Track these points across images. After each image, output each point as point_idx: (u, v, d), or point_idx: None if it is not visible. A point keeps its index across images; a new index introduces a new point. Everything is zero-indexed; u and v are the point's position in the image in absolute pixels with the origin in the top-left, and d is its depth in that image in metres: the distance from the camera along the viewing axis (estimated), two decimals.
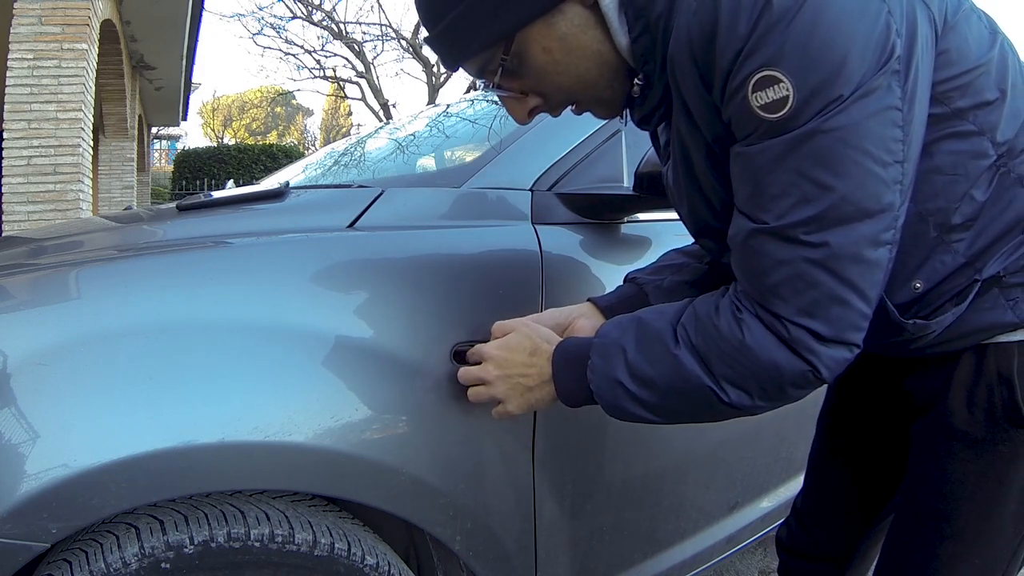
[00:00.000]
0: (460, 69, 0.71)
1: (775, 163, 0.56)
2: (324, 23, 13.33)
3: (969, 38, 0.62)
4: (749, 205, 0.59)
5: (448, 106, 1.70)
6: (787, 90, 0.53)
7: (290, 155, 12.84)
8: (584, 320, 0.83)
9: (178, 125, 13.27)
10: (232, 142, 22.98)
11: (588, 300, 0.87)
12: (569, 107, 0.73)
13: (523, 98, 0.70)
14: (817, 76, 0.52)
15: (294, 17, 13.15)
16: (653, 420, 0.69)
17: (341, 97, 17.45)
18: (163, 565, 0.68)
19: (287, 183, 1.27)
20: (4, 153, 4.26)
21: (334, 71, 15.09)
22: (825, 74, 0.52)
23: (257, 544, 0.72)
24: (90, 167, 4.68)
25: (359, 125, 27.15)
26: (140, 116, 9.35)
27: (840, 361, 0.60)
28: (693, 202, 0.71)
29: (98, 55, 4.75)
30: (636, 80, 0.67)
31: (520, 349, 0.76)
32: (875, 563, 0.82)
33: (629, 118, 0.75)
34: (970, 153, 0.62)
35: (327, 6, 13.58)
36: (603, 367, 0.68)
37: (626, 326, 0.69)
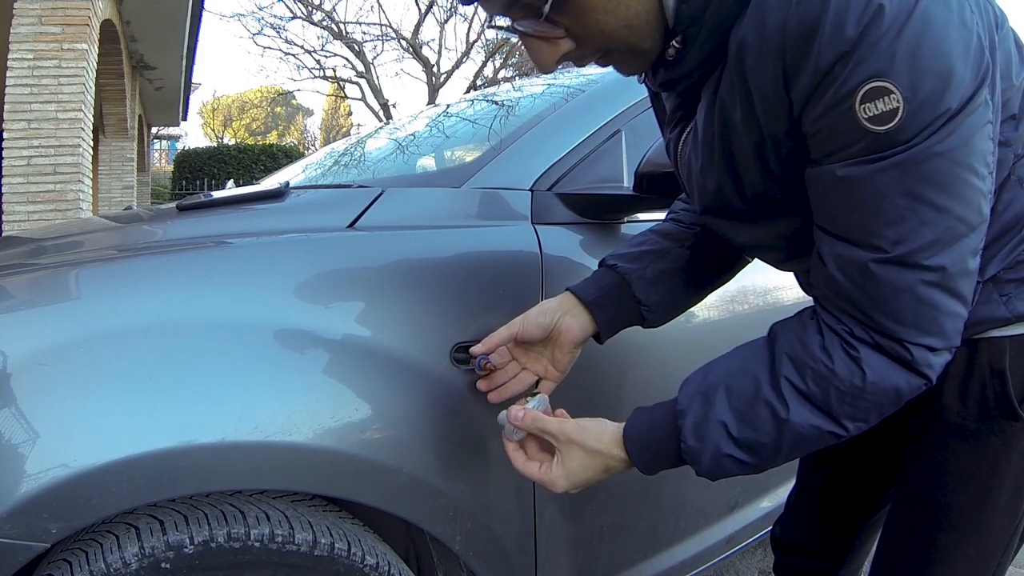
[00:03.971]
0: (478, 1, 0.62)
1: (889, 188, 0.53)
2: (324, 23, 13.34)
3: (1011, 55, 0.61)
4: (857, 232, 0.56)
5: (448, 106, 1.70)
6: (897, 102, 0.50)
7: (290, 155, 12.84)
8: (570, 318, 0.81)
9: (178, 125, 13.27)
10: (232, 142, 22.99)
11: (568, 290, 0.84)
12: (594, 59, 0.66)
13: (556, 41, 0.62)
14: (927, 88, 0.50)
15: (294, 17, 13.16)
16: (753, 473, 0.67)
17: (341, 97, 17.46)
18: (163, 565, 0.68)
19: (287, 183, 1.27)
20: (4, 153, 4.27)
21: (334, 71, 15.10)
22: (934, 86, 0.50)
23: (257, 544, 0.72)
24: (90, 167, 4.68)
25: (359, 125, 27.17)
26: (140, 116, 9.35)
27: (944, 364, 0.60)
28: (722, 182, 0.68)
29: (98, 55, 4.75)
30: (674, 42, 0.62)
31: (591, 472, 0.70)
32: (872, 556, 0.83)
33: (646, 79, 0.71)
34: (997, 163, 0.62)
35: (327, 6, 13.59)
36: (703, 448, 0.64)
37: (710, 396, 0.64)
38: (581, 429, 0.71)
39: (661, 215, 1.11)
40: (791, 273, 0.85)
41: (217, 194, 1.06)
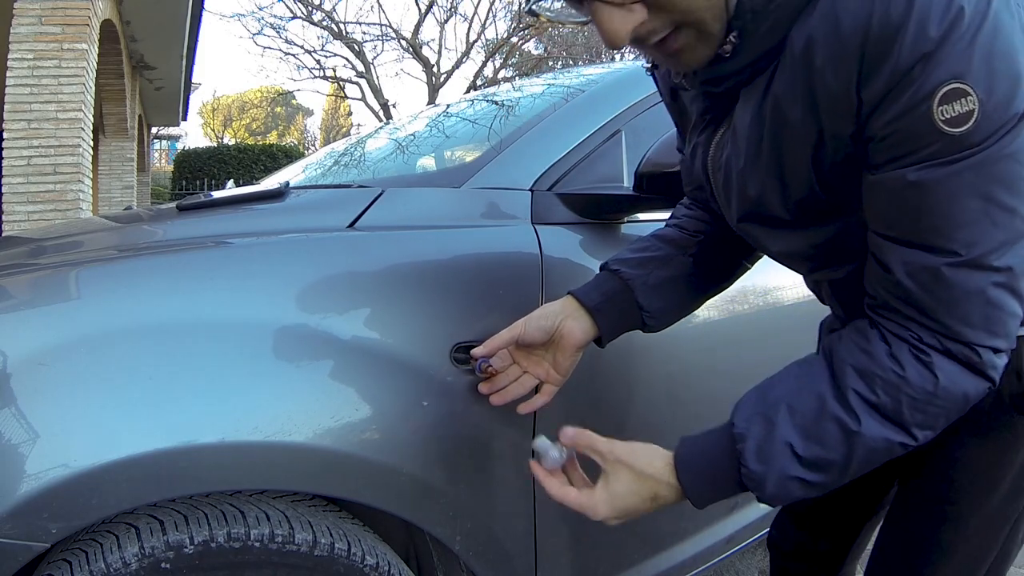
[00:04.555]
0: None
1: (963, 191, 0.53)
2: (324, 23, 13.33)
3: None
4: (929, 236, 0.56)
5: (448, 106, 1.70)
6: (973, 104, 0.51)
7: (290, 155, 12.84)
8: (572, 321, 0.81)
9: (178, 125, 13.28)
10: (232, 142, 22.99)
11: (569, 294, 0.84)
12: (658, 37, 0.60)
13: (631, 7, 0.57)
14: (1000, 90, 0.51)
15: (294, 17, 13.15)
16: (818, 494, 0.65)
17: (341, 97, 17.45)
18: (163, 565, 0.68)
19: (287, 183, 1.26)
20: (4, 153, 4.27)
21: (334, 71, 15.09)
22: (1007, 88, 0.51)
23: (257, 544, 0.72)
24: (90, 167, 4.68)
25: (359, 125, 27.16)
26: (140, 116, 9.35)
27: (1004, 365, 0.60)
28: (765, 187, 0.66)
29: (98, 55, 4.75)
30: (731, 36, 0.59)
31: (637, 498, 0.67)
32: (872, 550, 0.83)
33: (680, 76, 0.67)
34: None
35: (327, 6, 13.58)
36: (768, 472, 0.62)
37: (772, 416, 0.62)
38: (631, 450, 0.68)
39: (661, 215, 1.12)
40: (790, 273, 0.85)
41: (217, 194, 1.06)
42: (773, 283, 1.29)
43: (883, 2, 0.52)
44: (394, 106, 14.27)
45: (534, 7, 0.61)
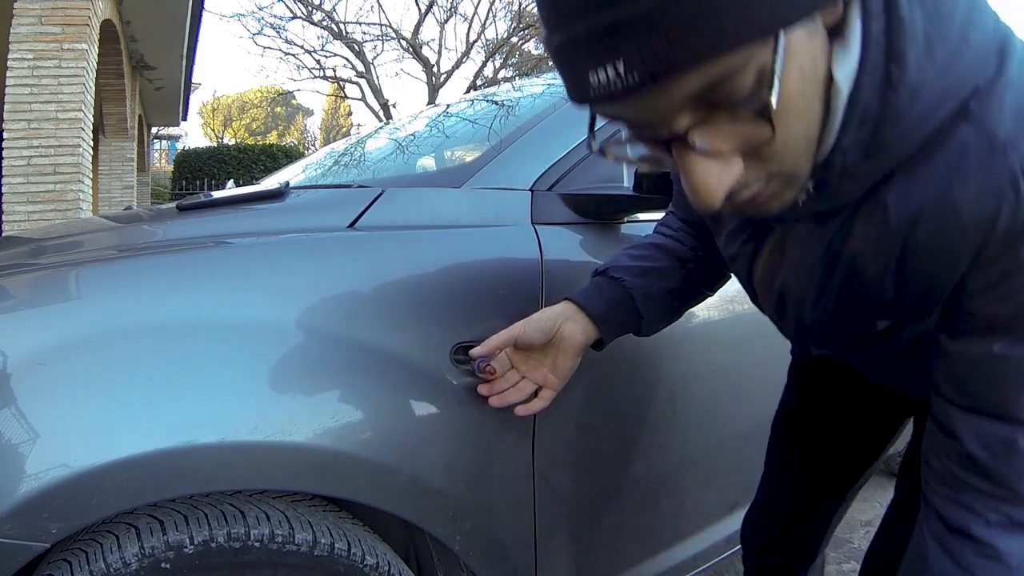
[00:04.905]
0: (644, 93, 0.44)
1: None
2: (324, 23, 13.33)
3: None
4: (1005, 406, 0.56)
5: (448, 106, 1.70)
6: None
7: (290, 155, 12.83)
8: (572, 324, 0.83)
9: (178, 125, 13.25)
10: (232, 142, 22.97)
11: (567, 300, 0.85)
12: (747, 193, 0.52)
13: (729, 161, 0.48)
14: None
15: (294, 17, 13.15)
16: None
17: (341, 97, 17.44)
18: (163, 565, 0.68)
19: (287, 183, 1.26)
20: (4, 153, 4.27)
21: (334, 71, 15.09)
22: None
23: (257, 544, 0.72)
24: (90, 167, 4.68)
25: (359, 125, 27.15)
26: (140, 116, 9.34)
27: None
28: (821, 320, 0.67)
29: (98, 55, 4.75)
30: (809, 186, 0.55)
31: None
32: (872, 542, 0.85)
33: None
34: None
35: (327, 6, 13.58)
36: None
37: None
38: None
39: (661, 215, 1.11)
40: None
41: (217, 194, 1.06)
42: None
43: (1011, 203, 0.50)
44: (394, 106, 14.28)
45: (604, 148, 0.55)
